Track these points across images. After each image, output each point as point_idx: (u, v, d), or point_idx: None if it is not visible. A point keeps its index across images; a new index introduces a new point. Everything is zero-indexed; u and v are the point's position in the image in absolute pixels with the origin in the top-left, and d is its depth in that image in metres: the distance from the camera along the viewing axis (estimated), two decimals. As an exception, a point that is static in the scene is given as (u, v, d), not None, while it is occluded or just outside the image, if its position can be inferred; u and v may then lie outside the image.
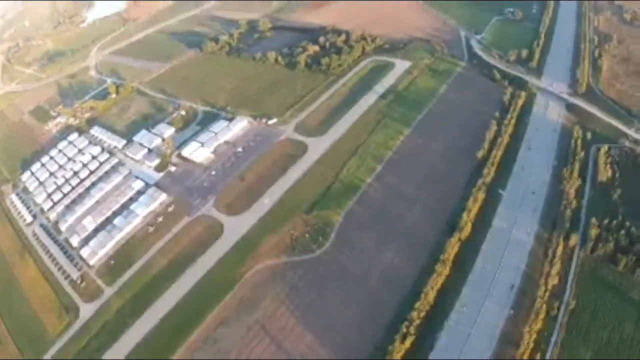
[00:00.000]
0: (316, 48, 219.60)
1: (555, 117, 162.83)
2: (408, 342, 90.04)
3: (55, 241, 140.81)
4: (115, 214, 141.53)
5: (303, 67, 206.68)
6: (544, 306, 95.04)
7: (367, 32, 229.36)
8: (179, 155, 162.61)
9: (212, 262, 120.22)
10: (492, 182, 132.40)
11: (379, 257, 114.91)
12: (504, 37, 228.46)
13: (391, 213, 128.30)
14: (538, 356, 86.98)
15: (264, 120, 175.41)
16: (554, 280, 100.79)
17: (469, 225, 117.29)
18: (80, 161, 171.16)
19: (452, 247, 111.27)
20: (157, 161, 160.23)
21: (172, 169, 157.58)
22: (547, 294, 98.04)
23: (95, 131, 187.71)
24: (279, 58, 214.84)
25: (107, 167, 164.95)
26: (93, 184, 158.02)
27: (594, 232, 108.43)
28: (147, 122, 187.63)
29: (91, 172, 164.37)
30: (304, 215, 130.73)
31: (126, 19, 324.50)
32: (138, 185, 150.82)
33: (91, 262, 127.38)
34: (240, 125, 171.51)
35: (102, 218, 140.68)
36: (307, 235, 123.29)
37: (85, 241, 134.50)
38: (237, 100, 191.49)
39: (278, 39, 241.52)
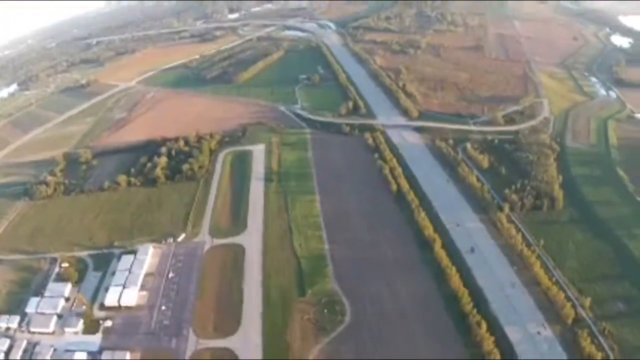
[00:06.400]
0: (164, 159, 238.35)
1: (415, 140, 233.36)
2: (484, 325, 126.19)
3: None
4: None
5: (164, 180, 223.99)
6: (530, 254, 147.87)
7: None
8: (102, 308, 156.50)
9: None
10: (420, 202, 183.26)
11: (397, 290, 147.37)
12: (317, 99, 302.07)
13: (370, 259, 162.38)
14: (554, 279, 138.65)
15: (171, 240, 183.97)
16: (518, 237, 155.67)
17: (436, 236, 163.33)
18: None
19: (442, 255, 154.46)
20: (80, 324, 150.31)
21: (108, 323, 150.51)
22: (522, 246, 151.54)
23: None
24: (132, 179, 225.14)
25: (18, 353, 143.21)
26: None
27: (514, 197, 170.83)
28: (28, 288, 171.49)
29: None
30: (301, 299, 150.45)
31: None
32: (81, 357, 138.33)
33: None
34: (149, 253, 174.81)
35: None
36: (325, 311, 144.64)
37: None
38: (119, 233, 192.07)
39: (109, 164, 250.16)
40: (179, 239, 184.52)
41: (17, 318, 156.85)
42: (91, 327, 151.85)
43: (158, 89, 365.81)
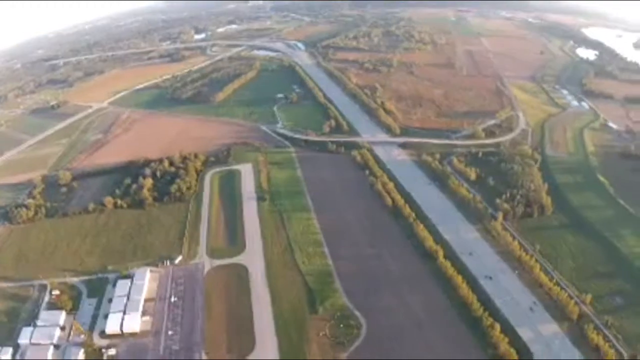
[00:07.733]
0: (150, 180, 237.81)
1: (401, 156, 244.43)
2: (497, 326, 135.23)
3: None
4: None
5: (151, 201, 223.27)
6: (529, 258, 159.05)
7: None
8: (104, 335, 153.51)
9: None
10: (416, 215, 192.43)
11: (406, 300, 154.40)
12: (297, 118, 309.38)
13: (376, 272, 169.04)
14: (554, 281, 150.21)
15: (167, 263, 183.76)
16: (514, 244, 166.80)
17: (438, 247, 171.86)
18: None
19: (446, 265, 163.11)
20: (81, 354, 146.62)
21: (112, 352, 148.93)
22: (521, 252, 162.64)
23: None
24: (119, 201, 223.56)
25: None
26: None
27: (505, 206, 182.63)
28: (18, 318, 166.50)
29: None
30: (314, 316, 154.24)
31: None
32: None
33: None
34: (147, 277, 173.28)
35: None
36: (341, 325, 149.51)
37: None
38: (111, 257, 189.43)
39: (90, 187, 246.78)
40: (176, 261, 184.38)
41: (10, 350, 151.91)
42: (93, 356, 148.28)
43: (132, 109, 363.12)
